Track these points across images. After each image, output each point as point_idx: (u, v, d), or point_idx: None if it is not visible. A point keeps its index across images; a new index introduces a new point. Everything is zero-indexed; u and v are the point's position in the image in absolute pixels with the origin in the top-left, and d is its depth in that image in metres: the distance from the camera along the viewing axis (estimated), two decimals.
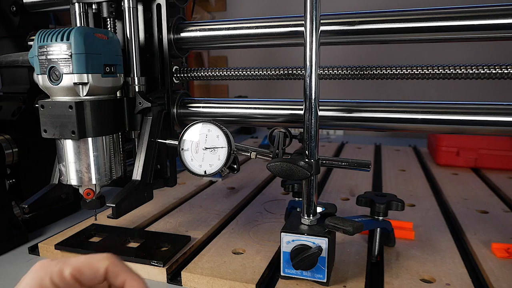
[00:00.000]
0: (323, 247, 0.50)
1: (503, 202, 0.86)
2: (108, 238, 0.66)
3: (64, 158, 0.54)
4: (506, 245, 0.62)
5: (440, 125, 0.56)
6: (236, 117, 0.67)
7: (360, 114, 0.59)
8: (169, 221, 0.75)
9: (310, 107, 0.50)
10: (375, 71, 0.58)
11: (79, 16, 0.62)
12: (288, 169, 0.50)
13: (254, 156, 0.55)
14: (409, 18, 0.54)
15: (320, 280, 0.51)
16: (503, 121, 0.53)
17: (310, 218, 0.53)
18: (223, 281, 0.53)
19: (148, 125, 0.58)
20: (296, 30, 0.60)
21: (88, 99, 0.53)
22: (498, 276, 0.54)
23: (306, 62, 0.50)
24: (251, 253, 0.61)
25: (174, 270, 0.58)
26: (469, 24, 0.51)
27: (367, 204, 0.60)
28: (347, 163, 0.53)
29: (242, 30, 0.63)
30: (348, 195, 0.91)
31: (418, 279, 0.54)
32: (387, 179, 1.05)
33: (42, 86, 0.54)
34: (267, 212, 0.80)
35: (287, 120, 0.64)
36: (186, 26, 0.66)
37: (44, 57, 0.51)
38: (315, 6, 0.48)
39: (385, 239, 0.62)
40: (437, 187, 0.98)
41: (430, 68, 0.56)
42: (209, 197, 0.90)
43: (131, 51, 0.59)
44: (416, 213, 0.79)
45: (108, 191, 0.74)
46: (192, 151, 0.55)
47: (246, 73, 0.65)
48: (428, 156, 1.32)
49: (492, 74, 0.53)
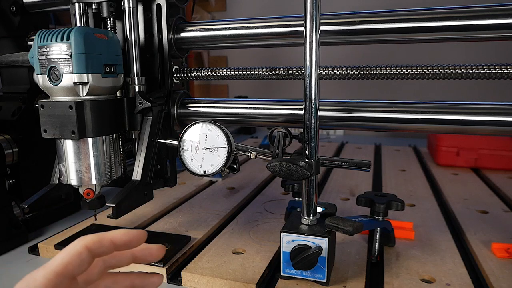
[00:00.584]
0: (323, 247, 0.50)
1: (503, 202, 0.86)
2: None
3: (64, 158, 0.54)
4: (506, 245, 0.62)
5: (440, 125, 0.56)
6: (236, 117, 0.67)
7: (360, 114, 0.59)
8: (169, 221, 0.75)
9: (310, 107, 0.50)
10: (375, 71, 0.58)
11: (79, 16, 0.62)
12: (288, 169, 0.50)
13: (254, 156, 0.55)
14: (409, 18, 0.54)
15: (320, 280, 0.51)
16: (503, 121, 0.53)
17: (310, 218, 0.53)
18: (223, 281, 0.53)
19: (148, 125, 0.58)
20: (296, 30, 0.60)
21: (88, 99, 0.53)
22: (498, 276, 0.54)
23: (306, 62, 0.50)
24: (251, 253, 0.61)
25: (174, 270, 0.58)
26: (469, 24, 0.51)
27: (367, 204, 0.60)
28: (347, 163, 0.53)
29: (242, 30, 0.63)
30: (348, 195, 0.91)
31: (418, 279, 0.54)
32: (387, 179, 1.05)
33: (42, 86, 0.54)
34: (267, 212, 0.80)
35: (287, 120, 0.64)
36: (186, 26, 0.66)
37: (44, 57, 0.51)
38: (315, 6, 0.48)
39: (385, 239, 0.62)
40: (437, 187, 0.98)
41: (430, 68, 0.56)
42: (209, 197, 0.90)
43: (131, 51, 0.59)
44: (416, 213, 0.79)
45: (108, 191, 0.74)
46: (192, 151, 0.55)
47: (246, 73, 0.65)
48: (428, 156, 1.31)
49: (492, 74, 0.53)
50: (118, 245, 0.35)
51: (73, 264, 0.31)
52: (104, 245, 0.33)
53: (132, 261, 0.37)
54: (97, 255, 0.33)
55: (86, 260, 0.32)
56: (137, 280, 0.38)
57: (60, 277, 0.31)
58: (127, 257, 0.37)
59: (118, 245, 0.35)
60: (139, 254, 0.37)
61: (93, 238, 0.33)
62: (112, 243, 0.34)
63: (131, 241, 0.35)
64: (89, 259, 0.33)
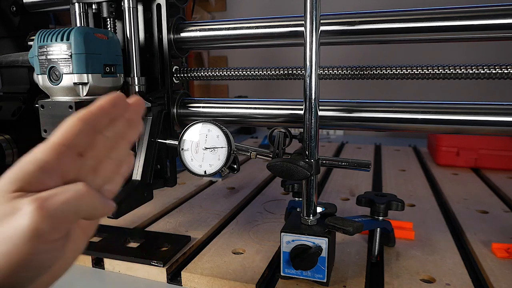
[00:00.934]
0: (323, 247, 0.50)
1: (503, 202, 0.86)
2: (108, 238, 0.66)
3: None
4: (506, 245, 0.62)
5: (440, 125, 0.56)
6: (236, 117, 0.67)
7: (360, 114, 0.59)
8: (169, 221, 0.75)
9: (310, 107, 0.50)
10: (375, 71, 0.58)
11: (79, 16, 0.62)
12: (288, 169, 0.50)
13: (254, 156, 0.55)
14: (409, 18, 0.54)
15: (320, 280, 0.51)
16: (503, 121, 0.53)
17: (310, 218, 0.53)
18: (223, 281, 0.53)
19: (148, 125, 0.58)
20: (296, 30, 0.60)
21: (88, 99, 0.53)
22: (498, 276, 0.54)
23: (306, 62, 0.50)
24: (251, 253, 0.61)
25: (174, 270, 0.58)
26: (469, 24, 0.51)
27: (367, 204, 0.60)
28: (347, 163, 0.53)
29: (242, 30, 0.63)
30: (348, 195, 0.91)
31: (418, 279, 0.54)
32: (387, 179, 1.05)
33: (42, 86, 0.54)
34: (267, 212, 0.80)
35: (287, 120, 0.64)
36: (186, 26, 0.66)
37: (44, 57, 0.51)
38: (315, 6, 0.48)
39: (385, 239, 0.62)
40: (437, 187, 0.98)
41: (430, 68, 0.56)
42: (209, 197, 0.90)
43: (131, 51, 0.59)
44: (416, 213, 0.79)
45: None
46: (192, 151, 0.55)
47: (246, 73, 0.65)
48: (428, 156, 1.31)
49: (492, 74, 0.53)
50: (106, 108, 0.33)
51: (71, 134, 0.31)
52: (93, 112, 0.32)
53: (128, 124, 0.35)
54: (93, 125, 0.32)
55: (84, 130, 0.31)
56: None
57: (62, 146, 0.30)
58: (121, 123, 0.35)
59: (106, 108, 0.33)
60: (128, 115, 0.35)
61: (82, 111, 0.32)
62: (100, 108, 0.32)
63: (115, 100, 0.33)
64: (86, 129, 0.32)
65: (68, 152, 0.30)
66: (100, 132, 0.33)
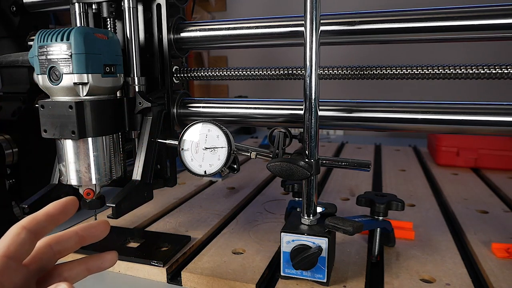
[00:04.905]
0: (323, 247, 0.50)
1: (503, 202, 0.86)
2: (108, 238, 0.66)
3: (64, 158, 0.54)
4: (506, 245, 0.62)
5: (440, 125, 0.56)
6: (236, 117, 0.67)
7: (360, 114, 0.59)
8: (169, 221, 0.75)
9: (310, 107, 0.50)
10: (375, 71, 0.58)
11: (79, 16, 0.62)
12: (288, 169, 0.50)
13: (254, 156, 0.55)
14: (409, 18, 0.54)
15: (320, 280, 0.51)
16: (503, 121, 0.53)
17: (310, 218, 0.53)
18: (223, 281, 0.53)
19: (148, 125, 0.58)
20: (296, 30, 0.60)
21: (88, 99, 0.53)
22: (498, 276, 0.54)
23: (306, 62, 0.50)
24: (251, 253, 0.61)
25: (174, 270, 0.58)
26: (469, 24, 0.51)
27: (367, 204, 0.60)
28: (347, 163, 0.53)
29: (242, 30, 0.63)
30: (348, 195, 0.91)
31: (418, 279, 0.54)
32: (387, 179, 1.05)
33: (42, 86, 0.54)
34: (267, 212, 0.80)
35: (287, 120, 0.64)
36: (186, 26, 0.66)
37: (44, 57, 0.51)
38: (315, 6, 0.48)
39: (385, 239, 0.62)
40: (437, 187, 0.98)
41: (430, 68, 0.56)
42: (209, 197, 0.90)
43: (131, 51, 0.59)
44: (416, 213, 0.79)
45: (108, 191, 0.74)
46: (192, 151, 0.55)
47: (246, 73, 0.65)
48: (428, 156, 1.32)
49: (492, 74, 0.53)
50: (53, 215, 0.33)
51: (14, 245, 0.31)
52: (39, 220, 0.32)
53: (80, 243, 0.36)
54: (37, 232, 0.32)
55: (27, 239, 0.31)
56: (90, 263, 0.37)
57: (4, 258, 0.30)
58: (73, 240, 0.36)
59: (54, 215, 0.33)
60: (84, 233, 0.36)
61: (28, 217, 0.33)
62: (47, 215, 0.33)
63: (65, 207, 0.34)
64: (30, 237, 0.32)
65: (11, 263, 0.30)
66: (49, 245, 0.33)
